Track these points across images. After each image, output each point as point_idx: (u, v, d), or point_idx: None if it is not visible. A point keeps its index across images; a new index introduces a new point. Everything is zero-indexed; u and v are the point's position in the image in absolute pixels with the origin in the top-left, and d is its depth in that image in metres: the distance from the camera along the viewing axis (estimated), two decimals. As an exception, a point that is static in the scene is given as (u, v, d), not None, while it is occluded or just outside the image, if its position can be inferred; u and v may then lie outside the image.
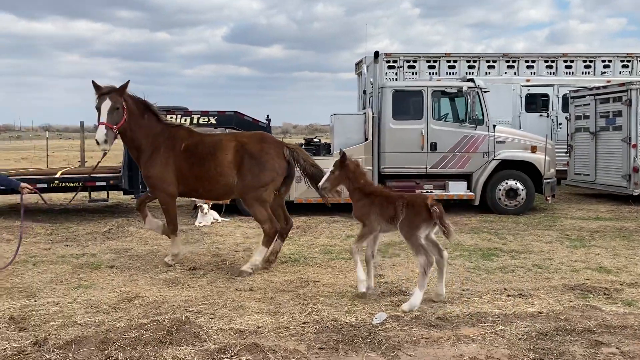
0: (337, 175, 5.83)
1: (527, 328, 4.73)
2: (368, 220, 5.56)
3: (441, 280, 5.48)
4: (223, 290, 5.98)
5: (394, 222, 5.38)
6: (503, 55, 17.02)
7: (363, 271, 5.62)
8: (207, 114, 11.48)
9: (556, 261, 7.22)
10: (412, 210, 5.29)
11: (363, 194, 5.69)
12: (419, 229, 5.24)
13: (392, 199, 5.51)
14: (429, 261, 5.23)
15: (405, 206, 5.32)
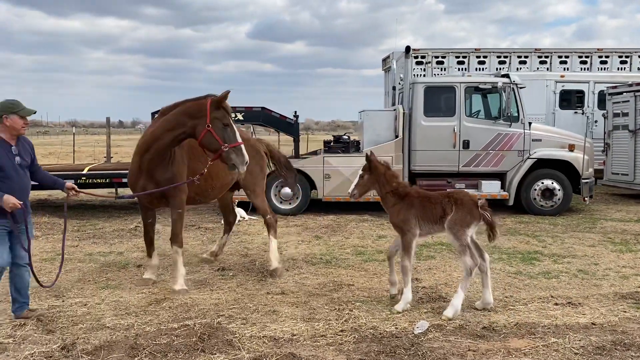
0: (367, 180, 5.42)
1: (582, 341, 4.41)
2: (408, 226, 5.19)
3: (487, 287, 5.17)
4: (254, 293, 5.76)
5: (442, 222, 5.10)
6: (535, 51, 16.49)
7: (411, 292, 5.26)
8: (234, 109, 11.27)
9: (603, 266, 6.83)
10: (463, 208, 5.05)
11: (398, 198, 5.32)
12: (469, 227, 5.02)
13: (437, 198, 5.24)
14: (474, 262, 5.00)
15: (455, 204, 5.08)
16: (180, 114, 5.50)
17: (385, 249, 7.87)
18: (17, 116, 4.67)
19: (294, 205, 10.99)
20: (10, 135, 4.70)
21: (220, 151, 5.36)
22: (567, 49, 16.64)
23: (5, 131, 4.67)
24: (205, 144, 5.44)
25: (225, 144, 5.34)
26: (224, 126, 5.38)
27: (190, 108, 5.48)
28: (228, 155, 5.36)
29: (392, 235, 8.92)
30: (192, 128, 5.43)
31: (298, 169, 10.85)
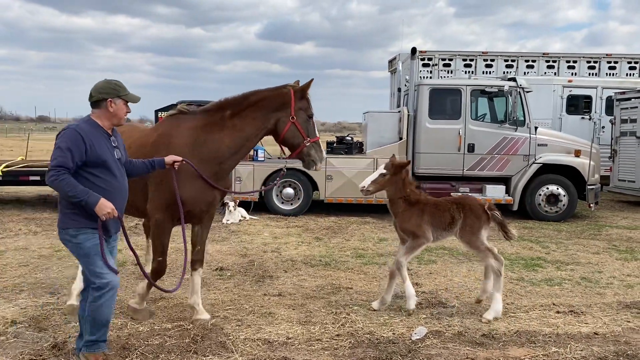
0: (386, 180, 5.27)
1: (583, 351, 4.30)
2: (420, 231, 5.14)
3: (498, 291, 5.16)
4: (251, 295, 5.68)
5: (452, 228, 5.13)
6: (543, 55, 16.35)
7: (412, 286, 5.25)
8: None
9: (607, 275, 6.71)
10: (471, 214, 5.09)
11: (408, 204, 5.25)
12: (480, 231, 5.09)
13: (445, 204, 5.25)
14: (500, 262, 5.12)
15: (463, 210, 5.11)
16: (263, 106, 4.72)
17: (386, 252, 7.79)
18: (123, 101, 3.82)
19: (296, 205, 10.91)
20: (110, 123, 3.83)
21: (302, 146, 4.74)
22: (575, 53, 16.49)
23: (106, 118, 3.79)
24: (289, 139, 4.75)
25: (308, 137, 4.76)
26: (307, 118, 4.78)
27: (272, 99, 4.73)
28: (308, 151, 4.76)
29: (393, 238, 8.83)
30: (275, 122, 4.74)
31: (300, 169, 10.79)
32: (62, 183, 3.52)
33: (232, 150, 4.69)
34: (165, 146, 4.59)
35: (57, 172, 3.53)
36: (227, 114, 4.70)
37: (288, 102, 4.68)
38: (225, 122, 4.70)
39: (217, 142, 4.64)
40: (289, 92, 4.71)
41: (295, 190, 10.91)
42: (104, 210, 3.60)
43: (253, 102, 4.71)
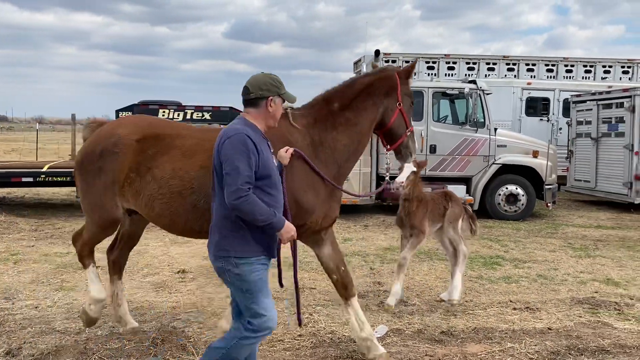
0: (413, 178, 5.41)
1: (537, 346, 4.44)
2: (424, 227, 5.51)
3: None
4: (213, 297, 5.65)
5: (442, 218, 5.65)
6: (503, 58, 16.76)
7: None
8: (201, 109, 11.16)
9: (562, 272, 6.94)
10: (455, 204, 5.72)
11: (418, 201, 5.53)
12: (459, 220, 5.70)
13: (438, 198, 5.78)
14: (467, 249, 5.77)
15: (450, 200, 5.71)
16: (371, 94, 4.05)
17: (350, 252, 7.85)
18: (281, 100, 3.26)
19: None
20: (265, 126, 3.22)
21: (403, 137, 4.14)
22: (534, 56, 16.95)
23: (263, 119, 3.19)
24: (394, 129, 4.12)
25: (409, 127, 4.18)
26: (411, 104, 4.23)
27: (379, 84, 4.07)
28: (407, 142, 4.17)
29: (357, 238, 8.92)
30: (383, 110, 4.09)
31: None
32: (252, 205, 2.93)
33: (349, 149, 4.05)
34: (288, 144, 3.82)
35: (246, 192, 2.91)
36: (336, 107, 4.02)
37: (395, 87, 4.07)
38: (336, 116, 4.00)
39: (333, 141, 3.97)
40: (393, 74, 4.11)
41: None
42: (289, 234, 3.09)
43: (359, 90, 4.05)
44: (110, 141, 4.04)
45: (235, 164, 2.94)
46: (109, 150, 4.01)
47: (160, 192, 3.88)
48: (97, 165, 4.05)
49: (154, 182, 3.91)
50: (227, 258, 3.05)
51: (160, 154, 3.95)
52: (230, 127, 3.11)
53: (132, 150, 3.99)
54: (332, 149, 3.97)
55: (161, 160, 3.93)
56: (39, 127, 23.82)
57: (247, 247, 3.04)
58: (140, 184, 3.96)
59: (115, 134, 4.07)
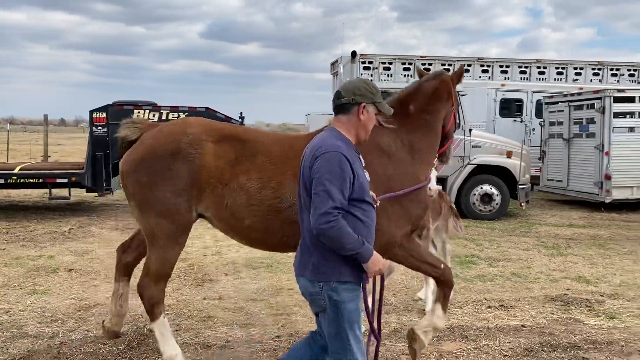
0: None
1: (511, 343, 4.53)
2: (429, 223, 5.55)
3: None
4: (190, 299, 5.61)
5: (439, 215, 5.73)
6: (478, 60, 16.98)
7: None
8: (177, 109, 11.04)
9: (535, 270, 7.07)
10: (446, 203, 5.83)
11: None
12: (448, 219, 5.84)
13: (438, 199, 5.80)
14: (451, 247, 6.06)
15: (444, 200, 5.84)
16: (439, 97, 4.00)
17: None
18: (375, 110, 2.95)
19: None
20: (355, 136, 2.92)
21: (450, 140, 4.15)
22: (508, 58, 17.22)
23: (353, 128, 2.91)
24: (449, 133, 4.12)
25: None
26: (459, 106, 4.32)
27: (442, 88, 4.02)
28: (450, 147, 4.22)
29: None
30: (445, 114, 4.06)
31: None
32: (340, 231, 2.65)
33: (432, 151, 4.00)
34: (385, 155, 3.74)
35: (336, 217, 2.65)
36: (412, 110, 3.93)
37: (451, 92, 4.08)
38: (415, 119, 3.92)
39: (419, 143, 3.89)
40: (449, 79, 4.09)
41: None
42: (376, 267, 2.79)
43: (429, 94, 3.98)
44: (183, 140, 3.67)
45: (327, 187, 2.66)
46: (183, 150, 3.63)
47: (251, 204, 3.60)
48: (167, 166, 3.64)
49: (241, 191, 3.61)
50: (327, 283, 2.75)
51: (243, 159, 3.67)
52: (323, 142, 2.80)
53: (210, 152, 3.66)
54: (421, 150, 3.90)
55: (246, 167, 3.65)
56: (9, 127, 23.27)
57: (349, 270, 2.76)
58: (224, 192, 3.63)
59: (187, 132, 3.71)
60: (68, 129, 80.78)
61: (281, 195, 3.60)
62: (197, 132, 3.72)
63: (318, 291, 2.77)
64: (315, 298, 2.81)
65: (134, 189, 3.76)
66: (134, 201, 3.78)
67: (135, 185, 3.74)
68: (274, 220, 3.62)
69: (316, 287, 2.77)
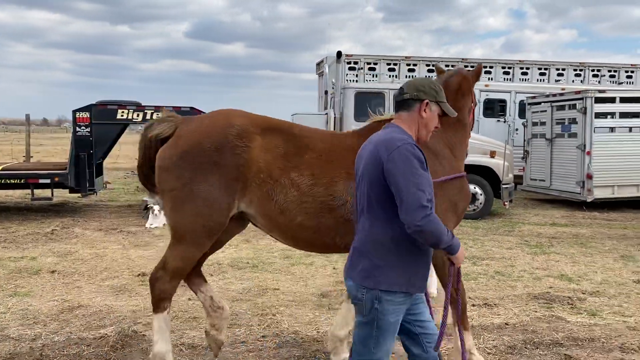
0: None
1: (495, 341, 4.58)
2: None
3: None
4: (175, 299, 5.54)
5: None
6: (462, 60, 17.14)
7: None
8: (161, 109, 10.95)
9: (518, 268, 7.15)
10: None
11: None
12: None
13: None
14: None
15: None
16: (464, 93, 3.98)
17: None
18: (438, 109, 2.83)
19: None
20: (415, 133, 2.80)
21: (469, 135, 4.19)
22: (491, 59, 17.41)
23: (414, 124, 2.79)
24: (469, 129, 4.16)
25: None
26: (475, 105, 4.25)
27: (465, 84, 4.00)
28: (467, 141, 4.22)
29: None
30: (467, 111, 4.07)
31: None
32: (438, 224, 2.53)
33: (465, 146, 4.04)
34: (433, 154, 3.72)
35: (431, 210, 2.53)
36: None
37: (471, 88, 4.08)
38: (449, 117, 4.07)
39: (452, 139, 3.92)
40: (469, 76, 4.05)
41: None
42: (462, 257, 2.75)
43: (455, 90, 3.93)
44: (230, 132, 3.51)
45: (414, 180, 2.52)
46: (230, 143, 3.47)
47: (303, 201, 3.50)
48: (213, 160, 3.46)
49: (292, 188, 3.51)
50: (373, 290, 2.62)
51: (292, 154, 3.57)
52: (391, 137, 2.66)
53: (258, 144, 3.53)
54: (456, 146, 3.93)
55: (296, 162, 3.55)
56: (-10, 127, 22.91)
57: (395, 279, 2.63)
58: (273, 188, 3.50)
59: (233, 124, 3.56)
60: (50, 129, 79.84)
61: (334, 193, 3.54)
62: (245, 123, 3.58)
63: (362, 298, 2.65)
64: (357, 304, 2.69)
65: (174, 184, 3.54)
66: (171, 197, 3.57)
67: (176, 180, 3.52)
68: (326, 218, 3.53)
69: (360, 293, 2.65)
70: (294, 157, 3.57)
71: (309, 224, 3.54)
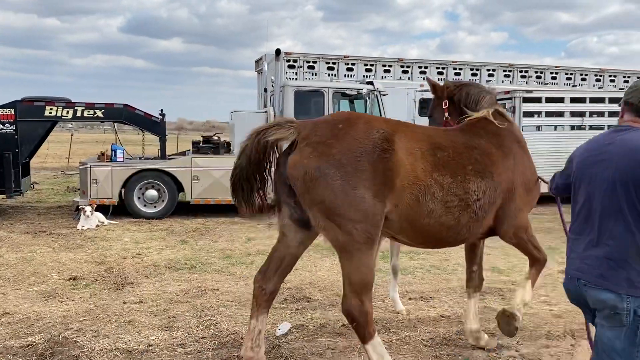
0: None
1: (431, 333, 4.71)
2: None
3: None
4: (109, 303, 5.39)
5: None
6: (398, 60, 17.51)
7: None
8: (92, 106, 10.54)
9: (452, 262, 7.40)
10: None
11: None
12: None
13: None
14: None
15: None
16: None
17: (254, 251, 7.83)
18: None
19: (160, 208, 10.48)
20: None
21: None
22: (426, 60, 17.89)
23: None
24: None
25: None
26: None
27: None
28: None
29: (262, 237, 8.90)
30: None
31: (164, 170, 10.44)
32: None
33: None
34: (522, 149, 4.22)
35: None
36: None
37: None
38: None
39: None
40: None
41: (159, 192, 10.51)
42: None
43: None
44: (376, 136, 3.41)
45: None
46: (378, 147, 3.38)
47: (447, 200, 3.57)
48: (363, 166, 3.33)
49: (437, 187, 3.54)
50: (638, 298, 2.54)
51: (428, 154, 3.59)
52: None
53: (402, 147, 3.48)
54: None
55: (433, 162, 3.58)
56: None
57: None
58: (420, 189, 3.49)
59: (377, 127, 3.48)
60: (-29, 127, 74.95)
61: (468, 190, 3.66)
62: (384, 126, 3.53)
63: (625, 307, 2.54)
64: (618, 314, 2.57)
65: (324, 194, 3.31)
66: (323, 208, 3.34)
67: (327, 190, 3.30)
68: (463, 216, 3.66)
69: (624, 302, 2.54)
70: (430, 157, 3.60)
71: (451, 223, 3.63)
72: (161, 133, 11.15)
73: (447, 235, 3.72)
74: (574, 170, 2.85)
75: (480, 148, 3.87)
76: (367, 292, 3.44)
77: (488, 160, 3.84)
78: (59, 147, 23.52)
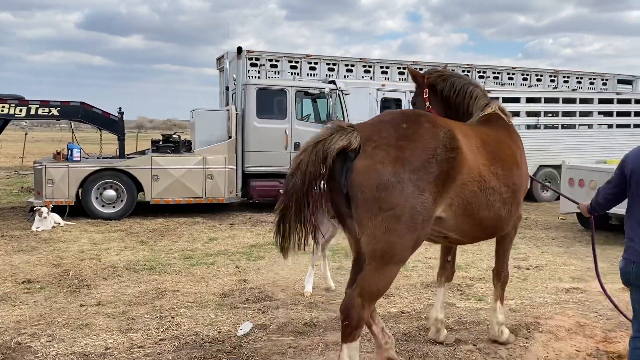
0: None
1: (391, 329, 4.76)
2: None
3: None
4: (65, 307, 5.25)
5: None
6: (360, 60, 17.64)
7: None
8: (47, 104, 10.22)
9: (413, 258, 7.46)
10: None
11: None
12: None
13: None
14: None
15: None
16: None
17: (215, 251, 7.76)
18: None
19: (118, 208, 10.26)
20: None
21: None
22: (388, 60, 18.07)
23: None
24: None
25: None
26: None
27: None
28: None
29: (223, 237, 8.83)
30: None
31: (123, 169, 10.23)
32: None
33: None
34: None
35: None
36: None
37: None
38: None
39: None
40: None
41: (117, 191, 10.28)
42: None
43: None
44: (446, 135, 3.34)
45: None
46: (447, 146, 3.29)
47: (502, 192, 3.72)
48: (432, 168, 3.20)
49: (495, 180, 3.65)
50: None
51: (480, 149, 3.66)
52: None
53: (464, 144, 3.44)
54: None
55: (487, 156, 3.67)
56: None
57: None
58: (481, 184, 3.53)
59: (439, 125, 3.41)
60: None
61: (515, 181, 3.85)
62: (444, 124, 3.47)
63: None
64: None
65: (397, 201, 3.10)
66: (390, 215, 3.11)
67: (401, 196, 3.11)
68: (510, 205, 3.81)
69: None
70: (484, 152, 3.67)
71: (503, 214, 3.77)
72: (119, 132, 10.92)
73: (500, 225, 3.88)
74: (629, 168, 3.34)
75: (505, 141, 4.05)
76: (374, 301, 3.43)
77: (514, 151, 4.05)
78: (12, 146, 22.69)
